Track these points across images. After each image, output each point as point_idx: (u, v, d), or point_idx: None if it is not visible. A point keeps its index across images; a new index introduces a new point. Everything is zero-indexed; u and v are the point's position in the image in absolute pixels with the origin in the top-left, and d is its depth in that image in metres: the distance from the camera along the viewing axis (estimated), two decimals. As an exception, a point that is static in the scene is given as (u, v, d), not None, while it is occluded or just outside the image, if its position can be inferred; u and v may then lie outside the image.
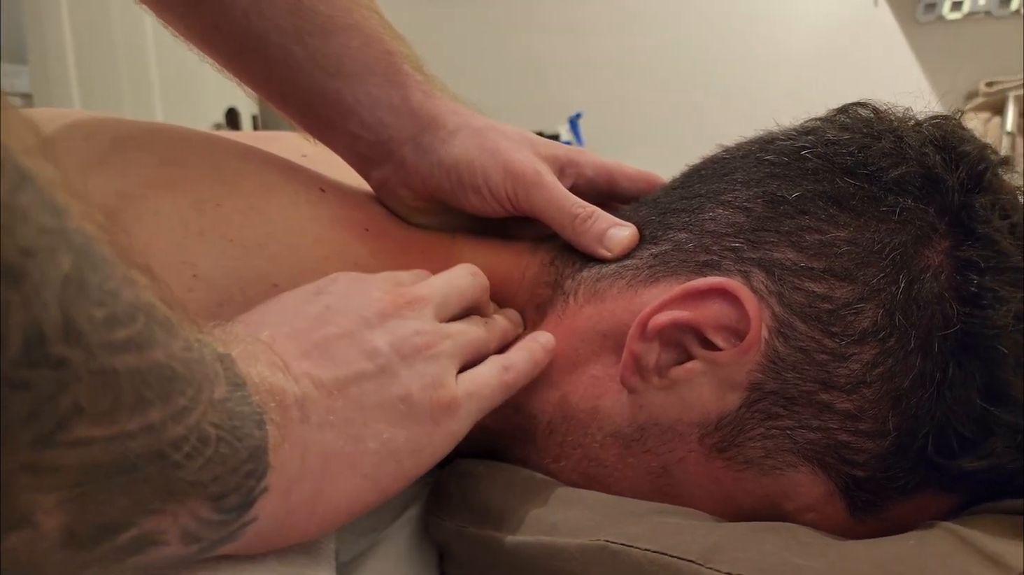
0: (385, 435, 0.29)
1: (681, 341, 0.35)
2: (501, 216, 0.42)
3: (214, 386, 0.22)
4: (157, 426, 0.20)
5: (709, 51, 2.14)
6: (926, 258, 0.33)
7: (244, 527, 0.25)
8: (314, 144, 0.44)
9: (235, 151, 0.39)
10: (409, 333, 0.32)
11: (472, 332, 0.35)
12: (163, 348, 0.20)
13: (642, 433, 0.36)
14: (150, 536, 0.22)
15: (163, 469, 0.20)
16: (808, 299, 0.33)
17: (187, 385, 0.21)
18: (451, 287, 0.36)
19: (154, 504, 0.21)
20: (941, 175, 0.34)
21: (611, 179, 0.45)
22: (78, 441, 0.18)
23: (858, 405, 0.33)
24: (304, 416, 0.27)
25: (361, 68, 0.39)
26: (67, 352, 0.17)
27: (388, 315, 0.32)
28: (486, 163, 0.40)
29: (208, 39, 0.41)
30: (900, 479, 0.33)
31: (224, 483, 0.23)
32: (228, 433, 0.23)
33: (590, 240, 0.40)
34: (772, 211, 0.35)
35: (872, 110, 0.38)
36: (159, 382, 0.20)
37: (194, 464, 0.21)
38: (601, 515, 0.33)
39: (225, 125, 1.92)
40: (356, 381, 0.29)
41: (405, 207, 0.43)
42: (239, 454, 0.23)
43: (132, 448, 0.19)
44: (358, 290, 0.33)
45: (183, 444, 0.21)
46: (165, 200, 0.34)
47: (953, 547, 0.30)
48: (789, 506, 0.35)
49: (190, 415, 0.21)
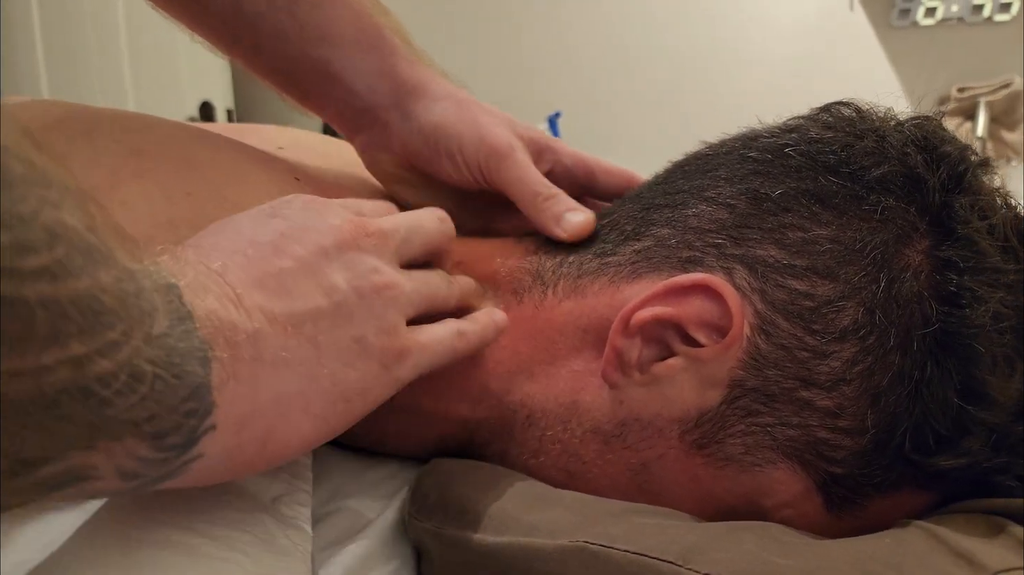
0: (339, 375, 0.29)
1: (663, 337, 0.35)
2: (471, 188, 0.42)
3: (153, 320, 0.21)
4: (80, 360, 0.19)
5: (687, 52, 2.15)
6: (906, 257, 0.34)
7: (187, 464, 0.24)
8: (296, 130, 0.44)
9: (206, 140, 0.39)
10: (367, 270, 0.30)
11: (434, 281, 0.34)
12: (88, 278, 0.19)
13: (622, 429, 0.36)
14: (79, 471, 0.21)
15: (88, 406, 0.19)
16: (790, 296, 0.34)
17: (116, 319, 0.20)
18: (416, 224, 0.34)
19: (80, 441, 0.20)
20: (922, 175, 0.35)
21: (589, 172, 0.46)
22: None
23: (838, 402, 0.33)
24: (257, 353, 0.26)
25: (349, 39, 0.41)
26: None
27: (347, 246, 0.30)
28: (463, 132, 0.41)
29: (198, 17, 0.42)
30: (878, 476, 0.34)
31: (161, 422, 0.22)
32: (165, 370, 0.21)
33: (548, 219, 0.41)
34: (755, 208, 0.36)
35: (855, 109, 0.38)
36: (80, 314, 0.19)
37: (125, 401, 0.20)
38: (580, 515, 0.33)
39: (199, 119, 1.89)
40: (312, 318, 0.28)
41: (384, 173, 0.44)
42: (177, 392, 0.22)
43: (51, 383, 0.18)
44: (315, 215, 0.31)
45: (112, 381, 0.20)
46: (134, 190, 0.34)
47: (928, 546, 0.31)
48: (767, 502, 0.35)
49: (120, 350, 0.20)
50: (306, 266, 0.29)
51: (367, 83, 0.41)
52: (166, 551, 0.27)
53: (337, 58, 0.41)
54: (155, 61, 1.72)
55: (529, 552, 0.32)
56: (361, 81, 0.41)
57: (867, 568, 0.29)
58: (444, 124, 0.41)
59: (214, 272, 0.26)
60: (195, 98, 1.91)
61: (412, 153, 0.42)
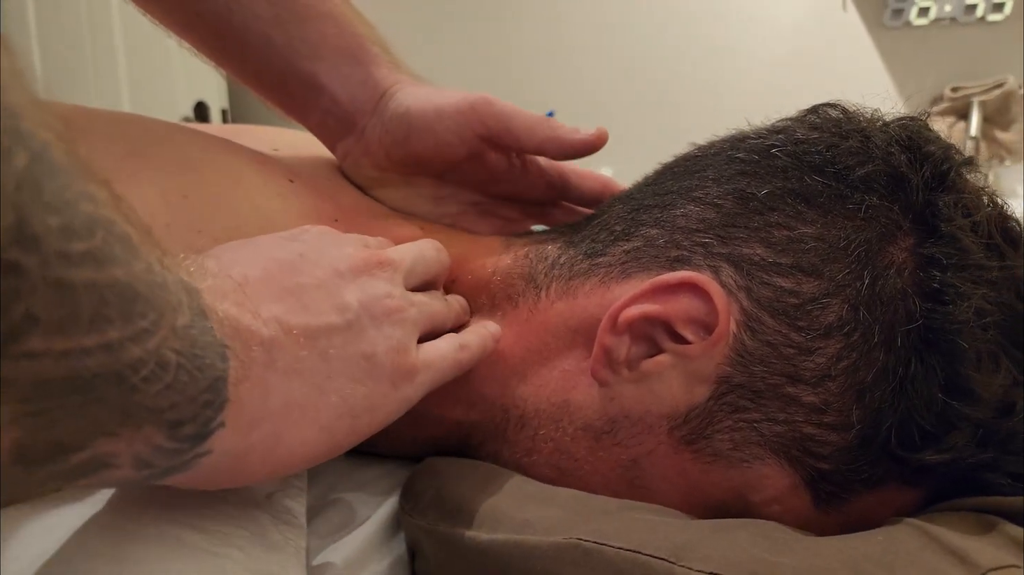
0: (347, 390, 0.30)
1: (651, 334, 0.35)
2: (456, 153, 0.43)
3: (177, 313, 0.22)
4: (115, 346, 0.19)
5: (680, 52, 2.15)
6: (890, 255, 0.34)
7: (197, 458, 0.24)
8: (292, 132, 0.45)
9: (201, 142, 0.39)
10: (380, 294, 0.32)
11: (436, 305, 0.36)
12: (123, 267, 0.20)
13: (612, 426, 0.36)
14: (103, 459, 0.21)
15: (120, 391, 0.20)
16: (776, 294, 0.34)
17: (148, 307, 0.20)
18: (419, 256, 0.36)
19: (109, 427, 0.21)
20: (906, 174, 0.35)
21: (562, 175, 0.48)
22: (32, 353, 0.17)
23: (823, 398, 0.33)
24: (270, 360, 0.27)
25: (335, 51, 0.42)
26: (21, 258, 0.16)
27: (360, 272, 0.32)
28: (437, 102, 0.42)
29: (189, 26, 0.42)
30: (864, 472, 0.34)
31: (181, 411, 0.22)
32: (188, 361, 0.22)
33: (565, 131, 0.43)
34: (742, 207, 0.36)
35: (841, 110, 0.39)
36: (118, 301, 0.19)
37: (152, 389, 0.21)
38: (573, 513, 0.33)
39: (194, 119, 1.89)
40: (325, 333, 0.29)
41: (366, 178, 0.45)
42: (198, 383, 0.23)
43: (88, 366, 0.19)
44: (331, 243, 0.33)
45: (141, 367, 0.20)
46: (130, 192, 0.33)
47: (920, 544, 0.31)
48: (755, 498, 0.35)
49: (150, 338, 0.20)
50: (322, 285, 0.30)
51: (349, 92, 0.43)
52: (161, 546, 0.27)
53: (323, 70, 0.42)
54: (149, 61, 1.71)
55: (523, 549, 0.32)
56: (344, 91, 0.42)
57: (859, 566, 0.29)
58: (416, 102, 0.42)
59: (233, 281, 0.27)
60: (190, 98, 1.90)
61: (391, 143, 0.43)
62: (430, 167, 0.44)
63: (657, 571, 0.30)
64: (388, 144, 0.43)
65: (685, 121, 2.06)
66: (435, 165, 0.44)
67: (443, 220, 0.46)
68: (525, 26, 2.22)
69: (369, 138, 0.43)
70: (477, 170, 0.45)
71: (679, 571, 0.30)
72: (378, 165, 0.44)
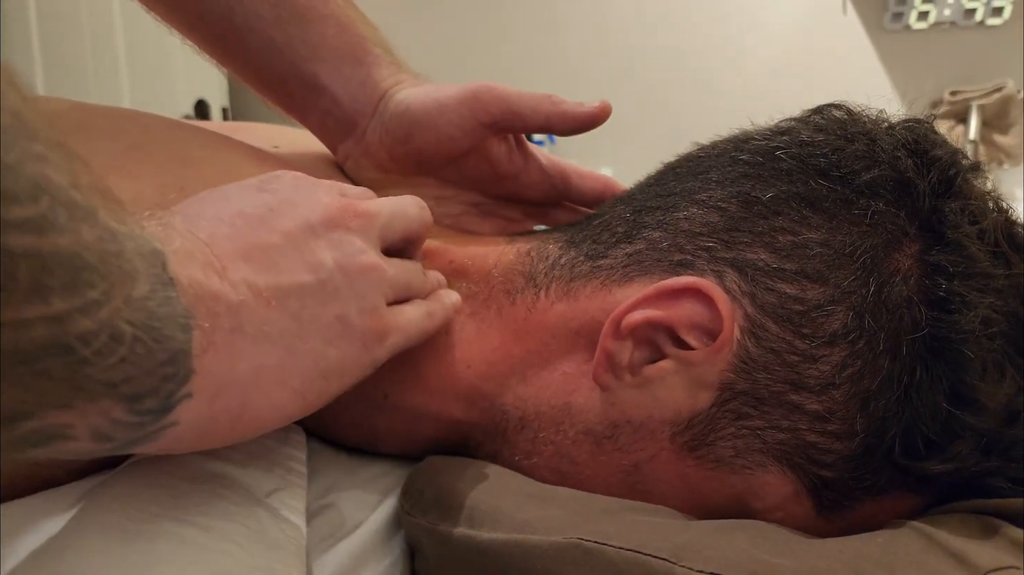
0: (319, 351, 0.29)
1: (654, 340, 0.35)
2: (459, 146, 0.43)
3: (134, 282, 0.21)
4: (62, 316, 0.19)
5: (680, 54, 2.15)
6: (896, 262, 0.34)
7: (162, 430, 0.24)
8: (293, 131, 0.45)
9: (201, 138, 0.39)
10: (354, 250, 0.31)
11: (410, 271, 0.35)
12: (70, 235, 0.19)
13: (614, 430, 0.36)
14: (55, 429, 0.21)
15: (68, 364, 0.19)
16: (780, 300, 0.34)
17: (99, 277, 0.20)
18: (398, 210, 0.35)
19: (57, 399, 0.20)
20: (913, 179, 0.35)
21: (563, 174, 0.47)
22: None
23: (827, 406, 0.33)
24: (238, 324, 0.26)
25: (336, 52, 0.42)
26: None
27: (334, 224, 0.31)
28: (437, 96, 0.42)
29: (192, 26, 0.42)
30: (867, 480, 0.34)
31: (138, 384, 0.22)
32: (145, 333, 0.21)
33: (570, 106, 0.42)
34: (746, 211, 0.36)
35: (846, 112, 0.38)
36: (64, 270, 0.19)
37: (104, 362, 0.20)
38: (574, 513, 0.33)
39: (195, 117, 1.89)
40: (296, 293, 0.28)
41: (367, 179, 0.44)
42: (156, 356, 0.22)
43: (31, 337, 0.18)
44: (304, 191, 0.31)
45: (92, 340, 0.20)
46: (129, 187, 0.34)
47: (921, 546, 0.31)
48: (757, 505, 0.35)
49: (100, 309, 0.20)
50: (293, 241, 0.29)
51: (350, 93, 0.42)
52: (161, 542, 0.27)
53: (325, 72, 0.42)
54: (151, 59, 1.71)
55: (524, 549, 0.32)
56: (345, 91, 0.42)
57: (859, 567, 0.29)
58: (417, 99, 0.42)
59: (201, 241, 0.26)
60: (190, 96, 1.90)
61: (392, 143, 0.43)
62: (432, 164, 0.44)
63: (657, 571, 0.30)
64: (389, 144, 0.43)
65: (685, 122, 2.05)
66: (438, 161, 0.44)
67: (445, 220, 0.46)
68: (523, 27, 2.22)
69: (370, 139, 0.43)
70: (480, 165, 0.45)
71: (679, 571, 0.29)
72: (380, 166, 0.44)
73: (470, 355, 0.38)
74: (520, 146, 0.46)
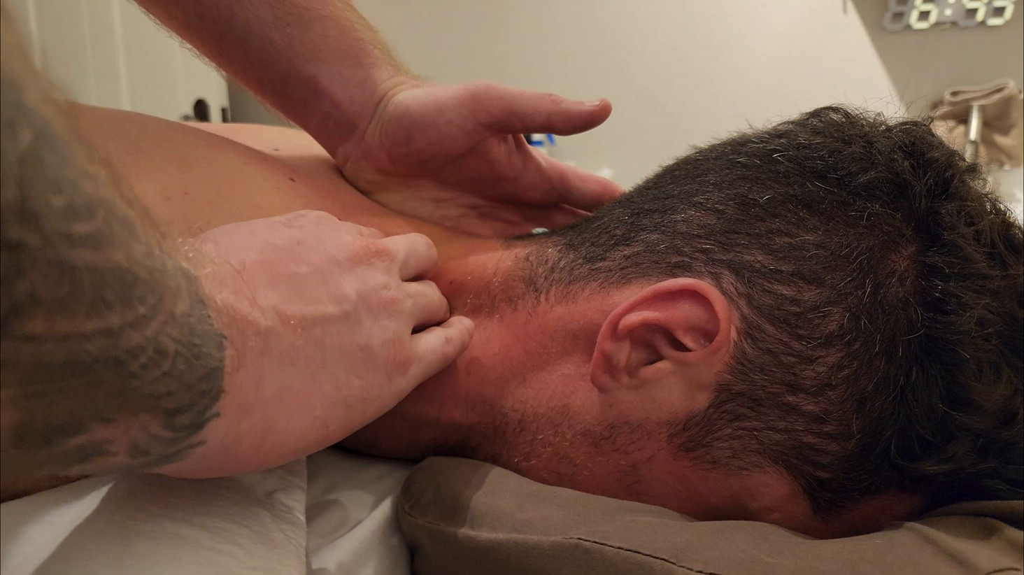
0: (341, 380, 0.30)
1: (651, 341, 0.35)
2: (458, 147, 0.43)
3: (176, 298, 0.22)
4: (115, 331, 0.19)
5: (680, 54, 2.15)
6: (892, 263, 0.34)
7: (191, 448, 0.24)
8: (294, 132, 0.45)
9: (201, 139, 0.39)
10: (377, 285, 0.32)
11: (429, 295, 0.36)
12: (124, 250, 0.19)
13: (612, 431, 0.36)
14: (99, 445, 0.21)
15: (118, 377, 0.20)
16: (776, 302, 0.34)
17: (148, 292, 0.20)
18: (412, 248, 0.37)
19: (107, 412, 0.20)
20: (909, 181, 0.35)
21: (563, 176, 0.47)
22: (32, 335, 0.17)
23: (823, 407, 0.33)
24: (266, 347, 0.27)
25: (336, 54, 0.42)
26: (24, 235, 0.16)
27: (358, 260, 0.32)
28: (437, 97, 0.42)
29: (191, 28, 0.42)
30: (863, 480, 0.34)
31: (178, 399, 0.22)
32: (187, 349, 0.22)
33: (570, 105, 0.43)
34: (743, 213, 0.36)
35: (843, 114, 0.39)
36: (119, 285, 0.19)
37: (150, 375, 0.21)
38: (573, 513, 0.33)
39: (194, 117, 1.89)
40: (321, 322, 0.29)
41: (366, 182, 0.45)
42: (195, 371, 0.22)
43: (88, 350, 0.18)
44: (328, 230, 0.33)
45: (140, 354, 0.20)
46: None
47: (919, 547, 0.31)
48: (754, 505, 0.35)
49: (149, 325, 0.20)
50: (319, 272, 0.30)
51: (349, 95, 0.42)
52: (161, 542, 0.27)
53: (324, 73, 0.42)
54: (150, 59, 1.71)
55: (523, 548, 0.32)
56: (344, 93, 0.42)
57: (857, 568, 0.29)
58: (416, 100, 0.42)
59: (231, 267, 0.27)
60: (190, 96, 1.90)
61: (391, 145, 0.43)
62: (432, 165, 0.44)
63: (656, 571, 0.30)
64: (389, 146, 0.43)
65: (684, 124, 2.06)
66: (437, 163, 0.44)
67: (444, 223, 0.46)
68: (521, 27, 2.22)
69: (369, 141, 0.43)
70: (479, 166, 0.45)
71: (679, 571, 0.30)
72: (380, 168, 0.44)
73: (471, 362, 0.39)
74: (519, 147, 0.46)
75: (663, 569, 0.30)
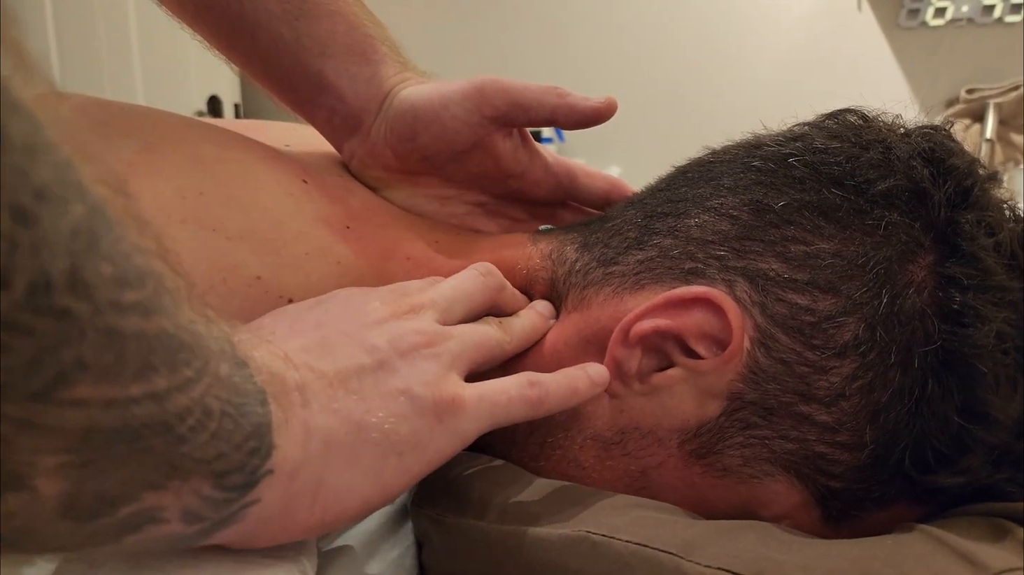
0: (387, 427, 0.29)
1: (663, 348, 0.35)
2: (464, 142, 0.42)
3: (220, 360, 0.22)
4: (162, 395, 0.19)
5: (692, 52, 2.14)
6: (910, 273, 0.33)
7: (245, 508, 0.24)
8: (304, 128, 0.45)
9: (215, 138, 0.39)
10: (408, 332, 0.32)
11: (479, 334, 0.35)
12: (171, 317, 0.20)
13: (622, 437, 0.36)
14: (150, 512, 0.21)
15: (167, 441, 0.20)
16: (791, 311, 0.33)
17: (193, 356, 0.21)
18: (457, 292, 0.36)
19: (157, 478, 0.21)
20: (928, 190, 0.34)
21: (570, 173, 0.47)
22: (80, 401, 0.18)
23: (836, 417, 0.33)
24: (305, 401, 0.27)
25: (344, 49, 0.42)
26: (73, 304, 0.17)
27: (386, 319, 0.32)
28: (443, 91, 0.42)
29: (201, 18, 0.42)
30: (876, 491, 0.34)
31: (228, 460, 0.22)
32: (233, 408, 0.22)
33: (576, 99, 0.42)
34: (758, 220, 0.35)
35: (861, 117, 0.38)
36: (165, 350, 0.19)
37: (198, 438, 0.21)
38: (582, 506, 0.33)
39: (207, 113, 1.90)
40: (356, 373, 0.29)
41: (373, 179, 0.44)
42: (242, 430, 0.23)
43: (136, 415, 0.19)
44: (358, 300, 0.33)
45: (187, 416, 0.20)
46: (146, 187, 0.34)
47: (929, 547, 0.31)
48: (765, 513, 0.35)
49: (195, 387, 0.21)
50: (347, 334, 0.31)
51: (355, 90, 0.42)
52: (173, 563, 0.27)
53: (331, 68, 0.42)
54: (164, 55, 1.72)
55: (531, 540, 0.32)
56: (351, 89, 0.42)
57: (868, 566, 0.29)
58: (421, 96, 0.42)
59: (263, 333, 0.28)
60: (203, 92, 1.91)
61: (396, 142, 0.42)
62: (438, 161, 0.44)
63: (664, 565, 0.30)
64: (394, 143, 0.42)
65: (695, 121, 2.06)
66: (443, 158, 0.43)
67: (450, 220, 0.45)
68: (530, 24, 2.22)
69: (375, 137, 0.43)
70: (485, 162, 0.44)
71: (687, 566, 0.30)
72: (385, 166, 0.44)
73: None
74: (525, 143, 0.45)
75: (671, 563, 0.30)
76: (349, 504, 0.28)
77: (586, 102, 0.42)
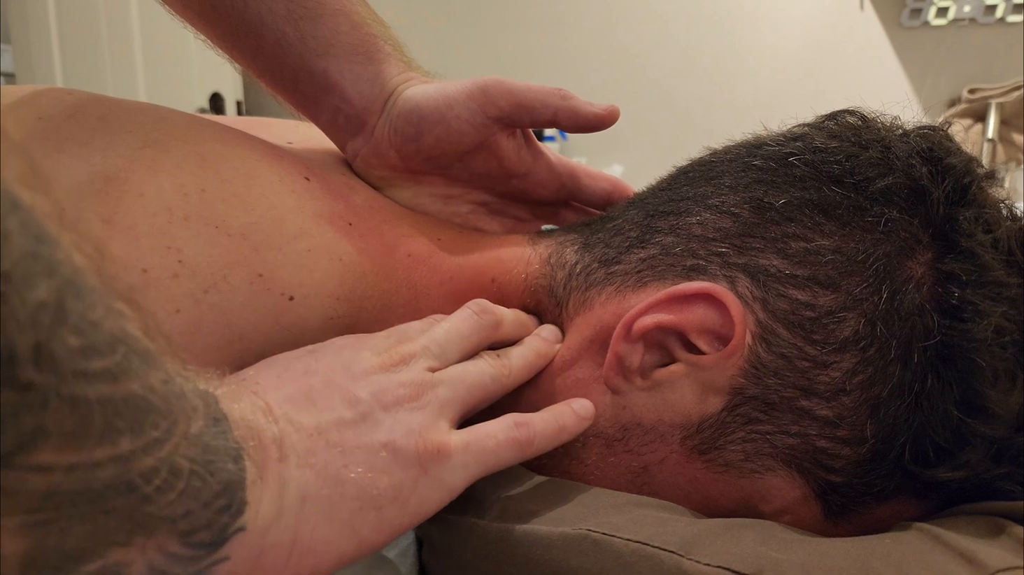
0: (365, 481, 0.29)
1: (665, 344, 0.35)
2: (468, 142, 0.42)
3: (191, 420, 0.22)
4: (127, 456, 0.19)
5: (694, 52, 2.14)
6: (909, 269, 0.34)
7: (214, 565, 0.24)
8: (307, 126, 0.45)
9: (218, 135, 0.39)
10: (393, 385, 0.32)
11: (472, 375, 0.35)
12: (140, 379, 0.20)
13: (624, 433, 0.36)
14: (115, 568, 0.21)
15: (132, 501, 0.20)
16: (792, 306, 0.34)
17: (161, 417, 0.21)
18: (451, 335, 0.36)
19: (121, 536, 0.21)
20: (927, 187, 0.35)
21: (573, 173, 0.47)
22: (41, 466, 0.18)
23: (837, 412, 0.33)
24: (283, 455, 0.27)
25: (348, 49, 0.42)
26: (36, 376, 0.17)
27: (375, 370, 0.32)
28: (446, 91, 0.42)
29: (205, 18, 0.42)
30: (876, 485, 0.34)
31: (195, 518, 0.22)
32: (201, 467, 0.22)
33: (579, 103, 0.42)
34: (759, 217, 0.36)
35: (860, 117, 0.38)
36: (132, 412, 0.19)
37: (165, 498, 0.21)
38: (583, 505, 0.34)
39: (209, 110, 1.90)
40: (336, 426, 0.29)
41: (376, 178, 0.44)
42: (211, 488, 0.23)
43: (99, 477, 0.19)
44: (351, 350, 0.33)
45: (153, 477, 0.20)
46: (149, 183, 0.34)
47: (928, 545, 0.31)
48: (766, 508, 0.35)
49: (162, 447, 0.21)
50: (333, 384, 0.31)
51: (359, 90, 0.42)
52: None
53: (335, 68, 0.42)
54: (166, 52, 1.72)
55: (532, 538, 0.32)
56: (354, 89, 0.42)
57: (867, 564, 0.29)
58: (425, 95, 0.42)
59: (247, 384, 0.28)
60: (205, 90, 1.91)
61: (400, 141, 0.42)
62: (441, 161, 0.44)
63: (665, 563, 0.30)
64: (398, 142, 0.43)
65: (697, 121, 2.05)
66: (447, 158, 0.43)
67: (454, 219, 0.46)
68: (533, 24, 2.21)
69: (379, 137, 0.43)
70: (489, 162, 0.44)
71: (687, 564, 0.30)
72: (389, 165, 0.44)
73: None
74: (529, 143, 0.46)
75: (671, 561, 0.30)
76: (324, 558, 0.28)
77: (589, 107, 0.42)
